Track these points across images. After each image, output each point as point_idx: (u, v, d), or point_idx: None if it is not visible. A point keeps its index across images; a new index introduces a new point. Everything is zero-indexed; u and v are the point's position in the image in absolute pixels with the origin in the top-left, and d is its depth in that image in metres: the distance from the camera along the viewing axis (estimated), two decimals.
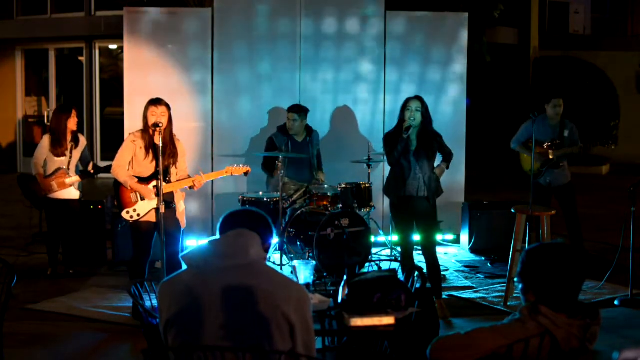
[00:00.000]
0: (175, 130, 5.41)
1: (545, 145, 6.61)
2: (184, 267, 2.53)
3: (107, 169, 5.79)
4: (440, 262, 5.58)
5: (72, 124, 6.36)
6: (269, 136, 6.96)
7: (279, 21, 7.73)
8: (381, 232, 7.48)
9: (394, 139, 5.34)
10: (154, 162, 5.18)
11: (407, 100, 5.39)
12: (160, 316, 2.48)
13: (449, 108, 7.94)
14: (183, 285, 2.42)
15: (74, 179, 6.34)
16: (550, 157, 6.62)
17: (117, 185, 5.30)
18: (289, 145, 6.81)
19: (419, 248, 5.60)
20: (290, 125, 6.81)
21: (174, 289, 2.44)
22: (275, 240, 6.59)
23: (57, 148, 6.29)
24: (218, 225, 2.62)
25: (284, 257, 6.45)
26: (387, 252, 7.24)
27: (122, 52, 8.40)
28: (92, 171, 6.55)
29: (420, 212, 5.35)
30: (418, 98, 5.38)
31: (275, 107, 7.67)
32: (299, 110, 6.83)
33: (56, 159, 6.30)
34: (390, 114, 7.84)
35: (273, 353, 2.31)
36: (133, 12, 7.67)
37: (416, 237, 5.52)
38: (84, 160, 6.56)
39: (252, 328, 2.35)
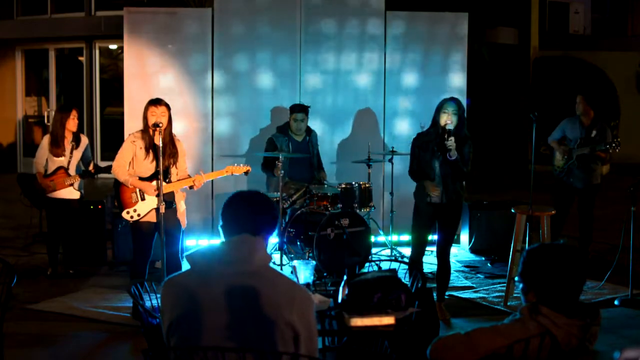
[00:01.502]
0: (175, 130, 5.41)
1: (571, 145, 6.72)
2: (184, 266, 2.52)
3: (108, 169, 5.79)
4: None
5: (71, 125, 6.35)
6: (269, 137, 6.96)
7: (279, 21, 7.72)
8: (381, 232, 7.48)
9: (427, 143, 5.21)
10: (154, 162, 5.18)
11: (443, 102, 5.20)
12: (162, 315, 2.47)
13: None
14: (187, 287, 2.40)
15: (74, 178, 6.34)
16: (570, 155, 6.69)
17: (117, 185, 5.30)
18: (290, 145, 6.81)
19: (429, 248, 5.57)
20: (298, 126, 6.79)
21: (177, 290, 2.43)
22: (275, 240, 6.60)
23: (56, 148, 6.30)
24: (221, 211, 2.56)
25: (284, 257, 6.45)
26: (387, 252, 7.24)
27: (122, 52, 8.40)
28: (93, 171, 6.55)
29: (446, 216, 5.28)
30: (454, 100, 5.20)
31: (275, 106, 7.66)
32: (304, 109, 6.83)
33: (56, 158, 6.31)
34: (390, 112, 7.85)
35: (274, 353, 2.30)
36: (133, 12, 7.66)
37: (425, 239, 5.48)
38: (85, 159, 6.56)
39: (254, 331, 2.34)
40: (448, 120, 5.11)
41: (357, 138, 7.73)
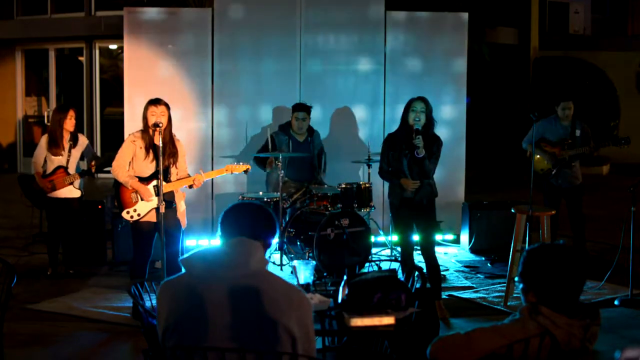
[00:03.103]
0: (175, 130, 5.41)
1: (556, 146, 6.67)
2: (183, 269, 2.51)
3: (108, 162, 5.77)
4: (440, 262, 5.57)
5: (68, 125, 6.35)
6: (270, 134, 6.95)
7: (278, 21, 7.72)
8: (381, 232, 7.48)
9: (397, 142, 5.30)
10: (154, 162, 5.18)
11: (411, 101, 5.32)
12: (158, 316, 2.46)
13: (449, 108, 7.94)
14: (183, 290, 2.39)
15: (74, 177, 6.35)
16: (561, 157, 6.67)
17: (117, 185, 5.30)
18: (290, 144, 6.81)
19: (419, 248, 5.61)
20: (300, 125, 6.79)
21: (174, 293, 2.41)
22: (275, 240, 6.59)
23: (54, 148, 6.31)
24: (219, 219, 2.57)
25: (284, 257, 6.45)
26: (387, 252, 7.24)
27: (122, 52, 8.40)
28: (93, 169, 6.56)
29: (420, 214, 5.34)
30: (422, 99, 5.30)
31: (278, 106, 7.66)
32: (305, 108, 6.82)
33: (54, 158, 6.32)
34: (390, 114, 7.85)
35: (274, 354, 2.30)
36: (133, 12, 7.67)
37: (415, 238, 5.52)
38: (87, 155, 6.58)
39: (252, 334, 2.33)
40: (416, 118, 5.19)
41: (356, 138, 7.74)
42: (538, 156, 6.86)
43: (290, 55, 7.72)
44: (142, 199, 5.24)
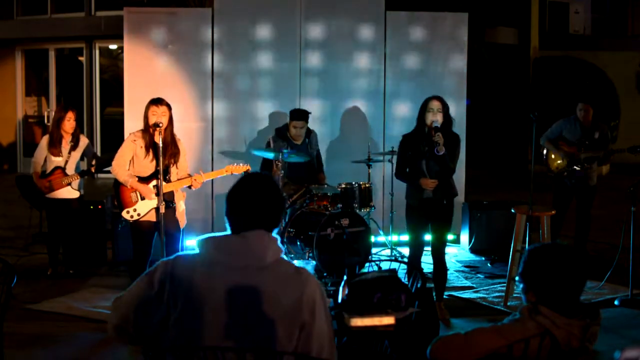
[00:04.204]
0: (175, 130, 5.41)
1: (572, 145, 6.72)
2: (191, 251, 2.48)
3: (108, 162, 5.78)
4: None
5: (66, 126, 6.35)
6: (268, 139, 6.93)
7: (279, 21, 7.72)
8: (381, 232, 7.47)
9: (414, 143, 5.25)
10: (154, 162, 5.18)
11: (427, 101, 5.23)
12: (153, 292, 2.39)
13: (450, 108, 7.92)
14: (199, 274, 2.34)
15: (72, 177, 6.35)
16: (577, 157, 6.71)
17: (117, 185, 5.30)
18: (288, 148, 6.77)
19: (427, 248, 5.58)
20: (297, 132, 6.72)
21: (191, 269, 2.35)
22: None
23: (54, 148, 6.32)
24: (226, 196, 2.45)
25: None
26: (387, 252, 7.24)
27: (122, 52, 8.41)
28: (93, 170, 6.56)
29: (437, 214, 5.29)
30: (438, 98, 5.23)
31: (275, 110, 7.66)
32: (303, 117, 6.74)
33: (54, 158, 6.33)
34: (390, 113, 7.85)
35: (276, 353, 2.29)
36: (133, 12, 7.67)
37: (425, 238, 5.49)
38: (87, 154, 6.59)
39: (259, 329, 2.31)
40: (433, 118, 5.13)
41: (356, 138, 7.73)
42: (553, 155, 6.91)
43: (291, 55, 7.70)
44: (142, 198, 5.24)
